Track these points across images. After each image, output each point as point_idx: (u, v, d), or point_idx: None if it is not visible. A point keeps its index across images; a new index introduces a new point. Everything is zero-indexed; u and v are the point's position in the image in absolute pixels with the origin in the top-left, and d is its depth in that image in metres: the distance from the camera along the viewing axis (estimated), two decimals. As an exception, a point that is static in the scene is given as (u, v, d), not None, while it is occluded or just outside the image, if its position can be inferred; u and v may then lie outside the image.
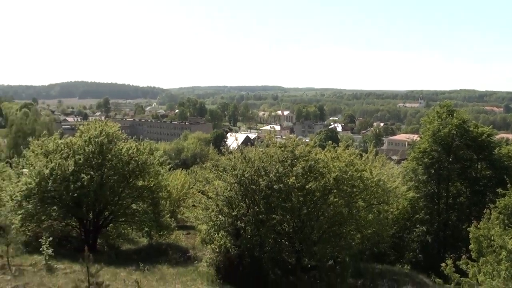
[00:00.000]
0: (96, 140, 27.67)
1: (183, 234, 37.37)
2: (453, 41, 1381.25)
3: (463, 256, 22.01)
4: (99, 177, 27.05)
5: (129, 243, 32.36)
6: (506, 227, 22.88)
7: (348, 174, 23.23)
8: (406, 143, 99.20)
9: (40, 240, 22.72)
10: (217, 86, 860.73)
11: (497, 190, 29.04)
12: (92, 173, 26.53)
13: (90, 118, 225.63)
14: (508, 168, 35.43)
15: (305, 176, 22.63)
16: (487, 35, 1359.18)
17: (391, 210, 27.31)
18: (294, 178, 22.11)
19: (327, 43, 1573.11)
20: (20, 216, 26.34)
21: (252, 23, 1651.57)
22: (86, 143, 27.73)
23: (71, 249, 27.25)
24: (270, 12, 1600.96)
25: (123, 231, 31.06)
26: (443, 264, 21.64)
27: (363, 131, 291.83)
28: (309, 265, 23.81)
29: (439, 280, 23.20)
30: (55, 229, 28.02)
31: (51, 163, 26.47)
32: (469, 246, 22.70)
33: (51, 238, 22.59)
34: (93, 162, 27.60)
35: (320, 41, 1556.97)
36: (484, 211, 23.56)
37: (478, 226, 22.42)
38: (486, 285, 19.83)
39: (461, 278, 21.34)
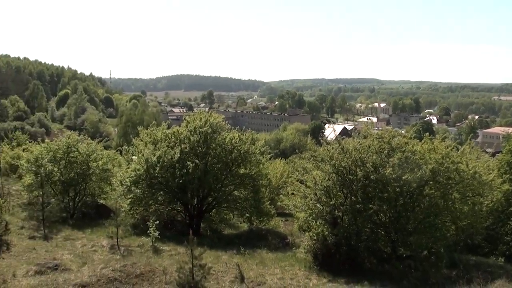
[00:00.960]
0: (201, 130, 28.72)
1: (281, 221, 37.71)
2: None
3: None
4: (203, 165, 28.09)
5: (231, 228, 33.11)
6: None
7: (444, 166, 22.87)
8: (500, 136, 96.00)
9: (147, 223, 24.00)
10: (315, 78, 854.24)
11: None
12: (197, 161, 27.49)
13: (194, 109, 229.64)
14: None
15: (402, 167, 22.61)
16: None
17: (486, 202, 26.79)
18: (390, 169, 22.10)
19: (422, 37, 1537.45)
20: (129, 200, 27.73)
21: (349, 17, 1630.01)
22: (192, 133, 28.80)
23: (176, 232, 28.34)
24: (366, 7, 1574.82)
25: (225, 216, 31.78)
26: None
27: (458, 124, 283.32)
28: (404, 255, 23.62)
29: (536, 273, 22.79)
30: (161, 213, 29.31)
31: (159, 151, 27.69)
32: None
33: (157, 222, 23.87)
34: (198, 151, 28.60)
35: (415, 34, 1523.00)
36: None
37: None
38: None
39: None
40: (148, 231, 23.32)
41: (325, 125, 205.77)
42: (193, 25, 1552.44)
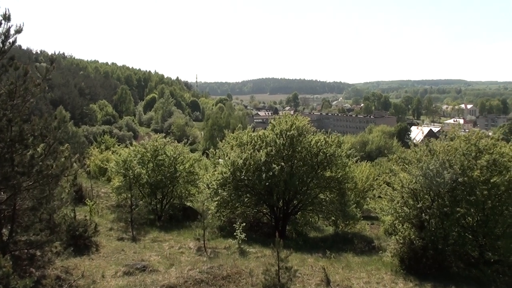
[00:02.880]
0: (287, 133, 28.84)
1: (367, 224, 37.39)
2: None
3: None
4: (289, 167, 28.18)
5: (316, 231, 33.12)
6: None
7: (534, 168, 22.46)
8: None
9: (233, 225, 24.17)
10: (400, 80, 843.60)
11: None
12: (282, 163, 27.63)
13: (280, 112, 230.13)
14: None
15: (490, 170, 22.14)
16: None
17: None
18: (478, 171, 21.74)
19: (509, 36, 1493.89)
20: (216, 202, 28.09)
21: (434, 17, 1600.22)
22: (278, 136, 28.97)
23: (262, 234, 28.63)
24: (451, 6, 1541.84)
25: (310, 219, 31.78)
26: None
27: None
28: (492, 259, 23.08)
29: None
30: (247, 216, 29.70)
31: (245, 154, 27.95)
32: None
33: (244, 224, 24.00)
34: (284, 154, 28.71)
35: (501, 34, 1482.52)
36: None
37: None
38: None
39: None
40: (234, 233, 23.51)
41: (411, 127, 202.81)
42: (279, 29, 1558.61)
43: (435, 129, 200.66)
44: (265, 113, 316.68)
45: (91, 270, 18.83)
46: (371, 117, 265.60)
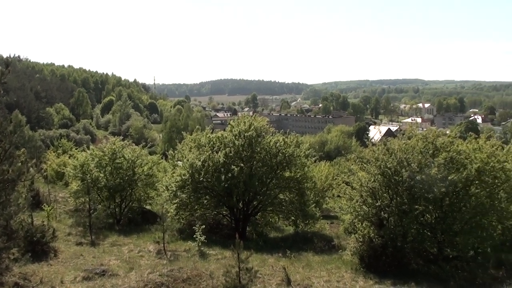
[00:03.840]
0: (245, 134, 28.82)
1: (327, 223, 37.37)
2: None
3: None
4: (248, 168, 28.18)
5: (276, 231, 33.19)
6: None
7: (490, 165, 22.66)
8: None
9: (193, 227, 24.10)
10: (359, 80, 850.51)
11: None
12: (242, 165, 27.68)
13: (238, 113, 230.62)
14: None
15: (447, 167, 22.43)
16: None
17: (533, 201, 26.43)
18: (436, 169, 22.00)
19: (465, 35, 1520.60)
20: (175, 205, 28.03)
21: (391, 18, 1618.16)
22: (236, 137, 28.93)
23: (222, 236, 28.55)
24: (409, 6, 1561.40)
25: (270, 219, 31.93)
26: None
27: (503, 123, 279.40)
28: (451, 255, 23.43)
29: None
30: (207, 218, 29.58)
31: (203, 155, 27.87)
32: None
33: (203, 226, 24.02)
34: (243, 155, 28.68)
35: (458, 33, 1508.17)
36: None
37: None
38: None
39: None
40: (194, 236, 23.48)
41: (369, 126, 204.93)
42: (236, 30, 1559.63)
43: (393, 128, 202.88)
44: (224, 115, 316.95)
45: (49, 276, 18.62)
46: (330, 117, 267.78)
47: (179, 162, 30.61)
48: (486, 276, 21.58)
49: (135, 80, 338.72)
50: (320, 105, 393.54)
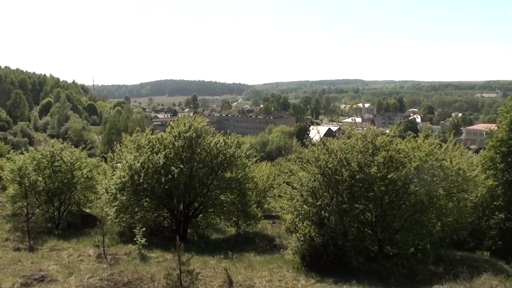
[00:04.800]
0: (185, 135, 28.61)
1: (269, 223, 37.59)
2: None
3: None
4: (188, 170, 28.03)
5: (218, 232, 33.07)
6: None
7: (428, 163, 23.19)
8: (484, 132, 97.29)
9: (134, 230, 23.87)
10: (299, 81, 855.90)
11: None
12: (182, 166, 27.44)
13: (179, 114, 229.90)
14: None
15: (387, 166, 22.74)
16: None
17: (471, 198, 27.14)
18: (375, 168, 22.32)
19: (404, 36, 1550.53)
20: (115, 208, 27.56)
21: (331, 18, 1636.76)
22: (176, 138, 28.69)
23: (163, 238, 28.25)
24: (348, 7, 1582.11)
25: (212, 221, 31.75)
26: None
27: (442, 122, 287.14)
28: (391, 253, 23.84)
29: (519, 266, 23.14)
30: (147, 220, 29.27)
31: (142, 157, 27.61)
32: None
33: (144, 229, 23.81)
34: (183, 156, 28.47)
35: (397, 34, 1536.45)
36: None
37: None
38: None
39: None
40: (134, 239, 23.24)
41: (310, 126, 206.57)
42: (176, 29, 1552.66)
43: (334, 128, 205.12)
44: (164, 115, 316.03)
45: (-14, 283, 18.21)
46: (271, 117, 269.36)
47: (118, 164, 30.20)
48: (426, 272, 21.97)
49: (74, 81, 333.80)
50: (261, 105, 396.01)
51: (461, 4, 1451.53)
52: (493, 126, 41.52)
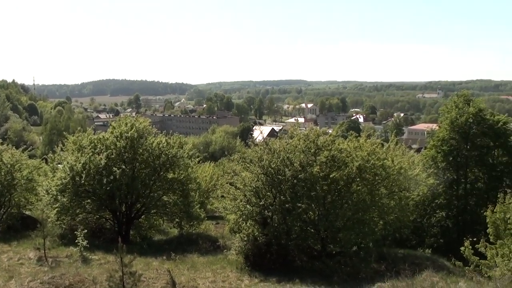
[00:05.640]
0: (127, 135, 28.39)
1: (212, 224, 37.62)
2: (469, 33, 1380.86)
3: (482, 240, 22.53)
4: (131, 170, 27.80)
5: (161, 233, 32.95)
6: None
7: (370, 163, 23.61)
8: (425, 132, 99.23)
9: (75, 232, 23.48)
10: (243, 81, 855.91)
11: None
12: (124, 167, 27.16)
13: (121, 114, 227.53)
14: (524, 154, 36.12)
15: (329, 166, 23.02)
16: (503, 28, 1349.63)
17: (412, 196, 27.70)
18: (318, 167, 22.54)
19: (347, 37, 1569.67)
20: (56, 209, 27.11)
21: (274, 19, 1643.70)
22: (118, 138, 28.43)
23: (105, 240, 27.91)
24: (290, 8, 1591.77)
25: (154, 222, 31.57)
26: (462, 248, 22.25)
27: (384, 122, 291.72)
28: (334, 251, 24.18)
29: (459, 263, 23.62)
30: (89, 222, 28.94)
31: (84, 158, 27.27)
32: (487, 230, 23.24)
33: (85, 230, 23.44)
34: (125, 157, 28.21)
35: (341, 35, 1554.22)
36: (498, 196, 24.19)
37: (494, 210, 22.97)
38: (504, 267, 20.28)
39: (480, 261, 21.84)
40: (76, 241, 22.91)
41: (253, 127, 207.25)
42: (118, 28, 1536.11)
43: (277, 128, 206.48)
44: (106, 116, 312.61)
45: None
46: (214, 117, 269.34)
47: (59, 165, 29.75)
48: (368, 270, 22.33)
49: (13, 80, 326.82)
50: (205, 105, 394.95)
51: (403, 5, 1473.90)
52: (434, 126, 42.50)
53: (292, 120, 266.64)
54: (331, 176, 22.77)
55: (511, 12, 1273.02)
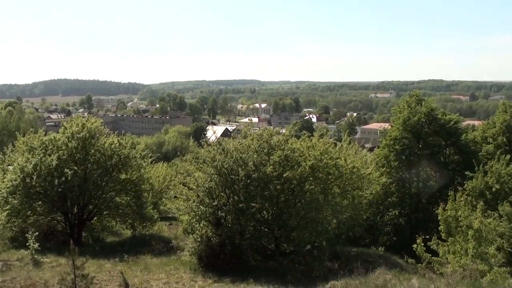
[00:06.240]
0: (78, 135, 28.08)
1: (165, 225, 37.47)
2: (421, 34, 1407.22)
3: (434, 237, 22.94)
4: (82, 171, 27.54)
5: (113, 235, 32.61)
6: (474, 208, 23.71)
7: (323, 162, 23.90)
8: (378, 131, 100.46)
9: (26, 235, 23.21)
10: (196, 80, 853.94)
11: (465, 173, 30.34)
12: (75, 168, 26.89)
13: (73, 114, 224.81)
14: (475, 152, 37.11)
15: (282, 165, 23.18)
16: (453, 30, 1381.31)
17: (365, 195, 28.07)
18: (271, 167, 22.70)
19: (300, 38, 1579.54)
20: (6, 212, 26.57)
21: (226, 19, 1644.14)
22: (69, 139, 28.09)
23: (57, 243, 27.60)
24: (243, 9, 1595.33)
25: (107, 224, 31.38)
26: (415, 245, 22.63)
27: (337, 121, 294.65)
28: (288, 250, 24.41)
29: (412, 260, 24.07)
30: (40, 224, 28.46)
31: (34, 159, 26.88)
32: (439, 227, 23.68)
33: (37, 233, 23.20)
34: (77, 157, 27.92)
35: (294, 36, 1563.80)
36: (449, 194, 24.68)
37: (446, 208, 23.41)
38: (455, 263, 20.68)
39: (432, 258, 22.25)
40: (27, 244, 22.62)
41: (207, 127, 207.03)
42: (70, 26, 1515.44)
43: (231, 128, 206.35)
44: (58, 116, 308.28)
45: None
46: (167, 117, 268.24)
47: (10, 166, 29.26)
48: (322, 269, 22.60)
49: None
50: (157, 105, 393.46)
51: (355, 6, 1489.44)
52: (386, 125, 43.12)
53: (246, 120, 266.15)
54: (284, 175, 22.95)
55: (461, 13, 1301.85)
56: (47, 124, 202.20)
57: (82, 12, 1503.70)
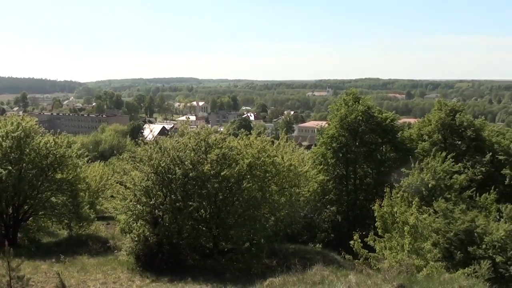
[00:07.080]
0: (13, 134, 27.58)
1: (102, 224, 37.30)
2: (357, 33, 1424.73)
3: (370, 233, 23.40)
4: (17, 171, 27.06)
5: (50, 236, 32.10)
6: (410, 204, 24.24)
7: (261, 160, 24.10)
8: (315, 129, 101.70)
9: (-43, 237, 22.76)
10: (133, 78, 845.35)
11: (401, 170, 30.96)
12: (10, 167, 26.44)
13: (7, 113, 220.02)
14: (410, 149, 38.00)
15: (220, 163, 23.28)
16: (389, 28, 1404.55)
17: (303, 192, 28.36)
18: (209, 165, 22.77)
19: (238, 36, 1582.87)
20: None
21: (163, 18, 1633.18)
22: (3, 138, 27.57)
23: (-9, 244, 27.21)
24: (183, 7, 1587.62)
25: (43, 224, 30.90)
26: (352, 242, 23.04)
27: (275, 119, 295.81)
28: (226, 249, 24.49)
29: (349, 256, 24.48)
30: (-27, 226, 27.93)
31: (-34, 159, 26.35)
32: (376, 224, 24.18)
33: (-31, 234, 22.74)
34: (11, 157, 27.44)
35: (231, 34, 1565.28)
36: (385, 191, 25.20)
37: (382, 204, 23.91)
38: (392, 259, 21.14)
39: (369, 253, 22.69)
40: (-42, 246, 22.04)
41: (144, 125, 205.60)
42: (1, 23, 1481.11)
43: (168, 127, 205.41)
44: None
45: None
46: (104, 116, 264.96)
47: None
48: (260, 266, 22.83)
49: None
50: (94, 104, 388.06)
51: (293, 5, 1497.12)
52: (324, 123, 43.71)
53: (183, 118, 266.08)
54: (222, 174, 23.03)
55: (398, 12, 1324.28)
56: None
57: (16, 8, 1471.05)
